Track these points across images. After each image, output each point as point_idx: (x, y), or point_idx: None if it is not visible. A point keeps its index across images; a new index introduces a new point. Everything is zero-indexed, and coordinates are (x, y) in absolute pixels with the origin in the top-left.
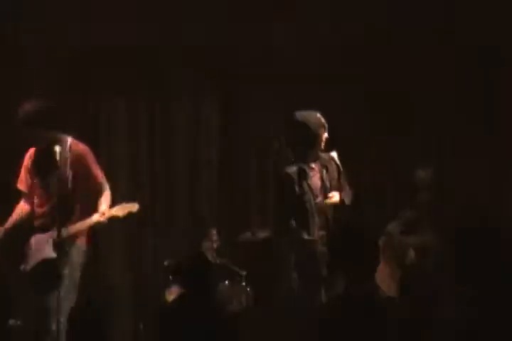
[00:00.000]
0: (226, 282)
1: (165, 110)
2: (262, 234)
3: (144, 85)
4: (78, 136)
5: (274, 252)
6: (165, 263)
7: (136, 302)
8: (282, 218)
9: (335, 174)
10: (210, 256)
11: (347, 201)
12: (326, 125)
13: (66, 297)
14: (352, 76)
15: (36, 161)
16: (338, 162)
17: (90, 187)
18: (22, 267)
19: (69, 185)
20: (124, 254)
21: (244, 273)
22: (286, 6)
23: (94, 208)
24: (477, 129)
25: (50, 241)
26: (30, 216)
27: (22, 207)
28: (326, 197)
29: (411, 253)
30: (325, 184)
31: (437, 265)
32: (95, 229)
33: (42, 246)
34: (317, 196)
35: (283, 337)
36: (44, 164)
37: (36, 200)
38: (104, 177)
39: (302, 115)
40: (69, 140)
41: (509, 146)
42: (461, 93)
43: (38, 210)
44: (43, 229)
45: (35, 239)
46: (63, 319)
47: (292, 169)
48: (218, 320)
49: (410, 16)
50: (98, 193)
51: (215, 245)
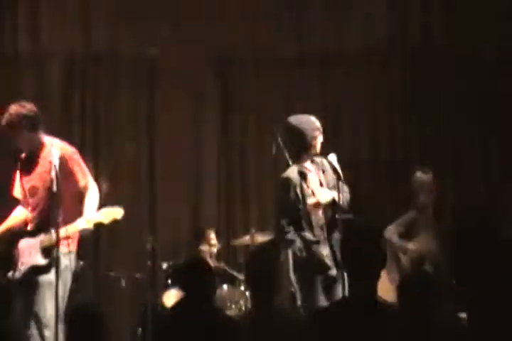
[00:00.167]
0: (224, 286)
1: (165, 110)
2: (261, 238)
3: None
4: (67, 137)
5: (274, 255)
6: (163, 266)
7: (134, 306)
8: (283, 221)
9: (332, 176)
10: (210, 260)
11: (344, 203)
12: (321, 128)
13: (49, 303)
14: (352, 76)
15: (24, 166)
16: (337, 164)
17: (77, 189)
18: (10, 274)
19: (54, 189)
20: (122, 257)
21: (242, 277)
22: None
23: (80, 211)
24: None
25: (38, 246)
26: (25, 222)
27: (17, 214)
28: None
29: (410, 257)
30: (323, 186)
31: (437, 269)
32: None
33: (30, 251)
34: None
35: None
36: (30, 168)
37: (28, 205)
38: (90, 178)
39: (297, 119)
40: (54, 142)
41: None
42: (461, 93)
43: (30, 215)
44: (32, 234)
45: (22, 244)
46: (50, 323)
47: (291, 172)
48: (217, 325)
49: None
50: (84, 195)
51: (215, 249)
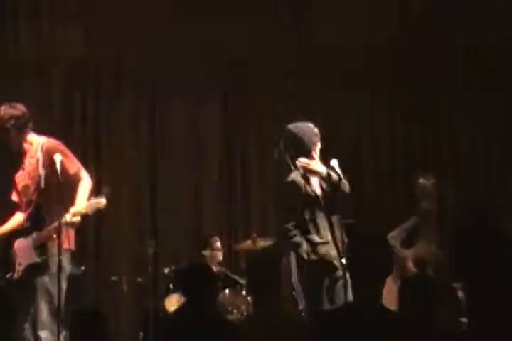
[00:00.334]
0: (226, 291)
1: (165, 110)
2: (262, 242)
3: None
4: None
5: (275, 260)
6: (165, 271)
7: (135, 310)
8: (289, 224)
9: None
10: (214, 265)
11: (345, 189)
12: (319, 135)
13: (45, 304)
14: (352, 78)
15: (16, 167)
16: (339, 169)
17: (69, 180)
18: (9, 275)
19: (42, 184)
20: (123, 261)
21: (244, 281)
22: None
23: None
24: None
25: (32, 245)
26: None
27: (15, 217)
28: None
29: (411, 263)
30: (323, 190)
31: (438, 274)
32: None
33: (25, 251)
34: (320, 202)
35: None
36: (21, 168)
37: (22, 205)
38: (80, 169)
39: (296, 126)
40: (40, 140)
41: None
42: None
43: (24, 215)
44: (26, 233)
45: (18, 245)
46: (46, 325)
47: (296, 176)
48: (218, 330)
49: None
50: (74, 188)
51: (219, 254)
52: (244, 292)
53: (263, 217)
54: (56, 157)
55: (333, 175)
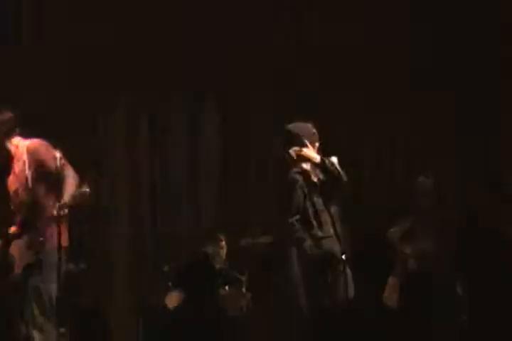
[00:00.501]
0: (226, 287)
1: (165, 111)
2: (262, 239)
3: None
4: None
5: (276, 257)
6: (164, 268)
7: (135, 308)
8: (292, 219)
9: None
10: (219, 262)
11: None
12: (317, 135)
13: (38, 303)
14: (351, 78)
15: (6, 173)
16: (339, 167)
17: (53, 180)
18: (11, 276)
19: (30, 185)
20: (124, 259)
21: (244, 278)
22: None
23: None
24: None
25: (26, 246)
26: None
27: None
28: None
29: (411, 261)
30: (320, 179)
31: (438, 272)
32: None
33: (21, 253)
34: (318, 190)
35: None
36: (10, 173)
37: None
38: (64, 165)
39: (295, 126)
40: (25, 142)
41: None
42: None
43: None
44: (20, 235)
45: (14, 246)
46: (39, 324)
47: (296, 173)
48: (219, 326)
49: None
50: (61, 184)
51: (224, 251)
52: (244, 288)
53: (263, 214)
54: (56, 154)
55: (327, 163)
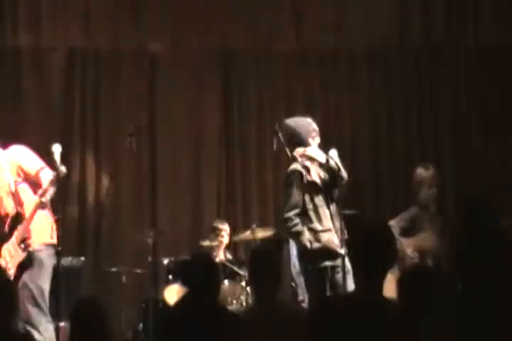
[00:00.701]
0: (226, 281)
1: (165, 108)
2: (262, 233)
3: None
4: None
5: (276, 250)
6: (164, 261)
7: (135, 301)
8: (290, 213)
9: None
10: (222, 254)
11: (343, 175)
12: (317, 129)
13: (29, 301)
14: (351, 75)
15: None
16: (338, 159)
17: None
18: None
19: (13, 188)
20: (123, 252)
21: (243, 272)
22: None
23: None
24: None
25: (16, 244)
26: None
27: None
28: None
29: (411, 254)
30: (322, 179)
31: (438, 265)
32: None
33: (11, 252)
34: (319, 190)
35: (284, 337)
36: None
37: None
38: (42, 169)
39: (294, 121)
40: (3, 151)
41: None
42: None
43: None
44: (9, 236)
45: (4, 250)
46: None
47: (296, 166)
48: (219, 320)
49: None
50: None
51: (223, 245)
52: (243, 283)
53: (263, 208)
54: (55, 148)
55: (331, 162)
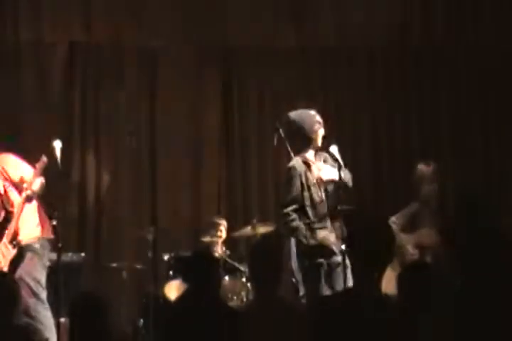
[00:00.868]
0: (226, 277)
1: (165, 108)
2: (262, 228)
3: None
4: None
5: (276, 246)
6: (164, 257)
7: (135, 297)
8: (288, 209)
9: (334, 166)
10: (220, 250)
11: (348, 182)
12: (322, 122)
13: (27, 295)
14: (351, 74)
15: None
16: (339, 155)
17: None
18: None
19: (1, 192)
20: (123, 248)
21: (243, 268)
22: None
23: None
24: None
25: (7, 241)
26: None
27: None
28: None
29: (411, 250)
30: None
31: (438, 262)
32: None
33: (3, 250)
34: (321, 188)
35: (284, 333)
36: None
37: None
38: (27, 175)
39: (297, 114)
40: None
41: None
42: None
43: None
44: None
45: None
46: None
47: (296, 162)
48: (220, 316)
49: None
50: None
51: (223, 240)
52: (244, 278)
53: (263, 203)
54: (55, 144)
55: (343, 176)
